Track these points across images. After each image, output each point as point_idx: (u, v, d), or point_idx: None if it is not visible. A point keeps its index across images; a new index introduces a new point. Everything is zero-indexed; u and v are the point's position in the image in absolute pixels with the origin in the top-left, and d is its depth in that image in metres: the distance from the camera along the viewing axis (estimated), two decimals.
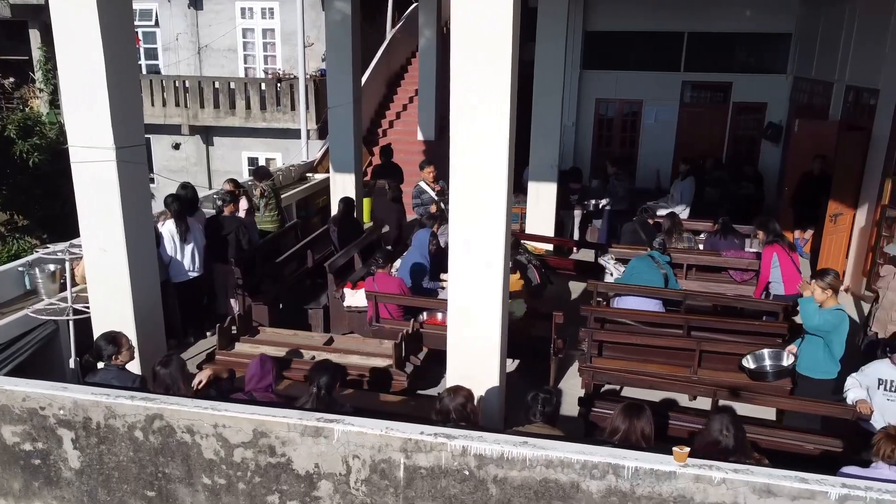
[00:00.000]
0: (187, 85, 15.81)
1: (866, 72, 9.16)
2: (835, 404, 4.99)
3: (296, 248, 8.37)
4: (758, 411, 5.32)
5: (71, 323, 5.89)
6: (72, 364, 5.94)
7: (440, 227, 8.00)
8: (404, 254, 7.86)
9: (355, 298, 7.26)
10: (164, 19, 17.13)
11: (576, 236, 10.94)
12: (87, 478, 4.02)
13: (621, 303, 7.08)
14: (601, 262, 8.45)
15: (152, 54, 17.50)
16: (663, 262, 7.23)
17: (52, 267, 6.75)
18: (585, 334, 6.24)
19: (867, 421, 4.77)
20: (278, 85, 15.49)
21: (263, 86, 15.70)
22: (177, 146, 16.80)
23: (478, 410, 4.50)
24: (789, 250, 7.08)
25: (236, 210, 8.02)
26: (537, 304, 7.37)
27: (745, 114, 13.39)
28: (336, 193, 10.12)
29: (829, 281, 5.22)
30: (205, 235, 7.47)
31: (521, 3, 4.47)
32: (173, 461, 3.84)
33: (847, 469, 3.82)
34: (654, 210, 9.51)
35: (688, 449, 3.23)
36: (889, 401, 4.81)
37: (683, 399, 5.94)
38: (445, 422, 4.09)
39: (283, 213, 9.76)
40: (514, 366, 6.81)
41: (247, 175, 14.98)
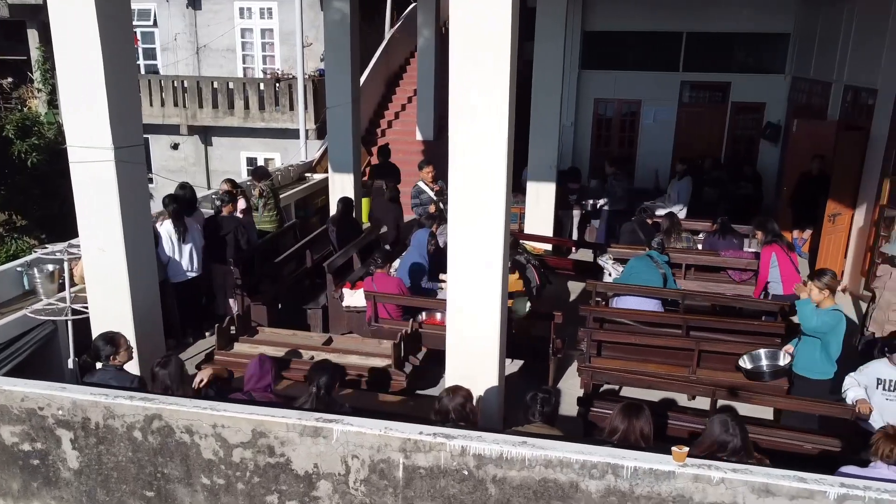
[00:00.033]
0: (186, 85, 15.80)
1: (864, 72, 9.17)
2: (834, 404, 4.99)
3: (295, 248, 8.37)
4: (755, 411, 5.33)
5: (69, 323, 5.88)
6: (70, 364, 5.93)
7: (439, 227, 7.99)
8: (403, 254, 7.85)
9: (354, 298, 7.26)
10: (163, 19, 17.12)
11: (575, 236, 10.95)
12: (86, 478, 4.02)
13: (620, 303, 7.08)
14: (599, 262, 8.45)
15: (151, 54, 17.50)
16: (662, 262, 7.24)
17: (50, 267, 6.75)
18: (584, 334, 6.24)
19: (866, 420, 4.78)
20: (277, 85, 15.49)
21: (262, 86, 15.70)
22: (175, 146, 16.79)
23: (477, 410, 4.50)
24: (788, 250, 7.09)
25: (234, 210, 8.03)
26: (536, 304, 7.37)
27: (743, 114, 13.40)
28: (335, 193, 10.12)
29: (827, 281, 5.22)
30: (203, 235, 7.48)
31: (520, 3, 4.47)
32: (172, 461, 3.84)
33: (846, 469, 3.83)
34: (653, 210, 9.51)
35: (687, 449, 3.24)
36: (888, 400, 4.82)
37: (682, 399, 5.95)
38: (444, 422, 4.09)
39: (281, 213, 9.76)
40: (516, 366, 6.81)
41: (245, 175, 15.01)
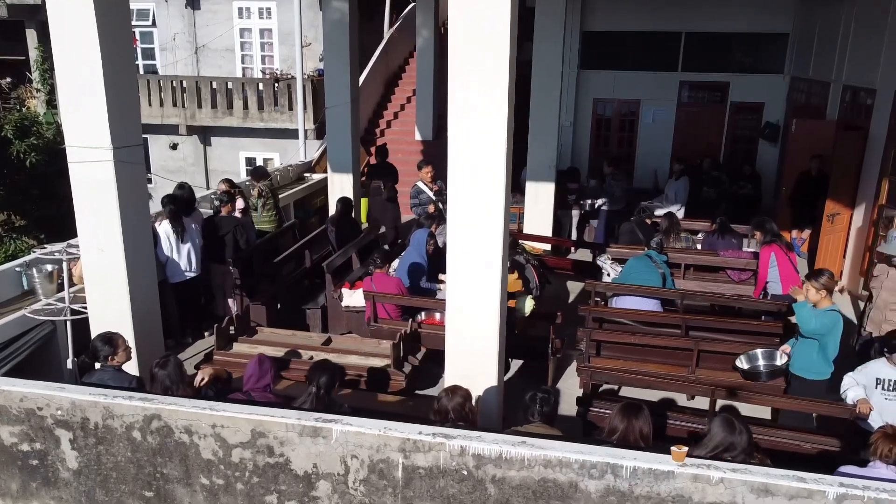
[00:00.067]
0: (185, 85, 15.79)
1: (863, 71, 9.18)
2: (833, 404, 5.00)
3: (294, 249, 8.36)
4: (753, 410, 5.34)
5: (68, 323, 5.87)
6: (69, 364, 5.93)
7: (438, 227, 7.99)
8: (402, 254, 7.85)
9: (353, 298, 7.26)
10: (162, 19, 17.10)
11: (574, 236, 10.95)
12: (85, 478, 4.02)
13: (619, 302, 7.08)
14: (598, 262, 8.45)
15: (149, 54, 17.48)
16: (660, 262, 7.24)
17: (49, 267, 6.75)
18: (583, 334, 6.24)
19: (865, 420, 4.78)
20: (276, 85, 15.48)
21: (261, 86, 15.68)
22: (174, 146, 16.78)
23: (476, 410, 4.50)
24: (787, 250, 7.09)
25: (233, 210, 8.02)
26: (535, 303, 7.36)
27: (742, 114, 13.40)
28: (334, 193, 10.11)
29: (824, 282, 5.22)
30: (202, 236, 7.47)
31: (519, 3, 4.47)
32: (171, 461, 3.84)
33: (844, 468, 3.82)
34: (652, 210, 9.51)
35: (686, 448, 3.24)
36: (887, 400, 4.82)
37: (681, 399, 5.95)
38: (444, 422, 4.09)
39: (280, 213, 9.76)
40: (516, 367, 6.81)
41: (244, 175, 15.00)
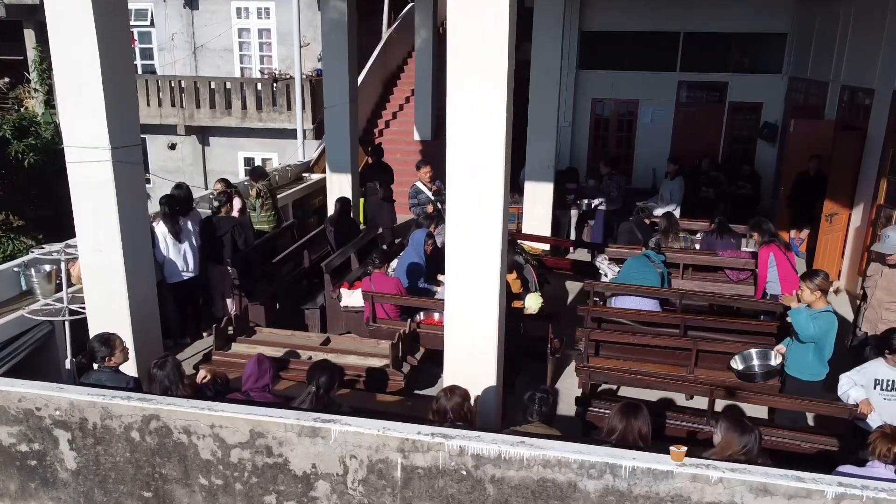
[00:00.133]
0: (183, 85, 15.78)
1: (861, 71, 9.19)
2: (833, 403, 4.99)
3: (292, 249, 8.36)
4: (748, 410, 5.34)
5: (67, 324, 5.87)
6: (68, 365, 5.93)
7: (437, 227, 7.99)
8: (401, 254, 7.85)
9: (352, 299, 7.26)
10: (160, 19, 17.09)
11: (572, 236, 10.96)
12: (84, 479, 4.01)
13: (618, 302, 7.08)
14: (596, 263, 8.45)
15: (148, 54, 17.46)
16: (659, 262, 7.24)
17: (47, 267, 6.74)
18: (582, 334, 6.23)
19: (863, 420, 4.78)
20: (274, 85, 15.47)
21: (259, 86, 15.67)
22: (173, 146, 16.77)
23: (475, 410, 4.50)
24: (785, 250, 7.10)
25: (230, 210, 8.01)
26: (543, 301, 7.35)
27: (740, 114, 13.40)
28: (332, 193, 10.10)
29: (818, 282, 5.21)
30: (200, 236, 7.46)
31: (518, 3, 4.47)
32: (170, 462, 3.84)
33: (843, 468, 3.83)
34: (651, 210, 9.52)
35: (685, 448, 3.24)
36: (886, 400, 4.82)
37: (680, 398, 5.96)
38: (442, 422, 4.09)
39: (279, 213, 9.75)
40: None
41: (243, 175, 15.00)
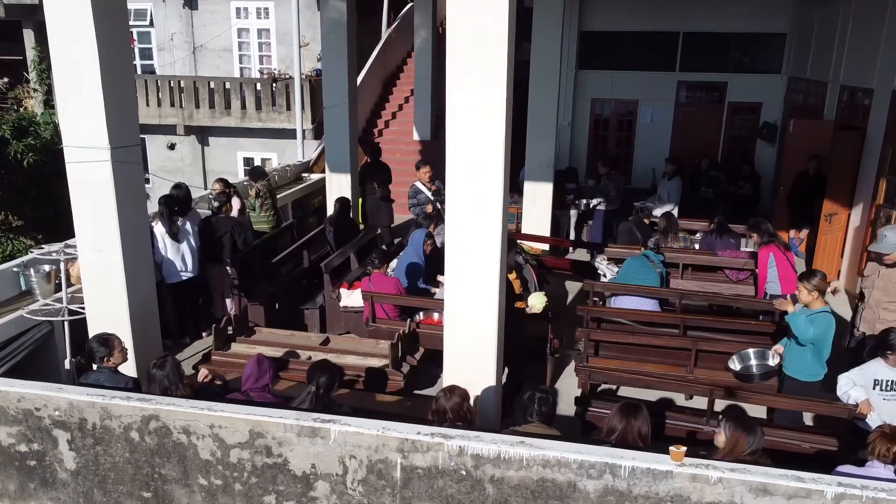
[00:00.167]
0: (182, 85, 15.77)
1: (860, 71, 9.19)
2: (833, 403, 4.99)
3: (292, 249, 8.36)
4: (748, 409, 5.32)
5: (66, 324, 5.87)
6: (67, 365, 5.92)
7: (436, 227, 7.99)
8: (400, 254, 7.85)
9: (352, 299, 7.26)
10: (159, 19, 17.08)
11: (572, 236, 10.96)
12: (83, 479, 4.01)
13: (618, 302, 7.08)
14: (594, 264, 8.45)
15: (147, 54, 17.45)
16: (658, 262, 7.24)
17: (47, 267, 6.74)
18: (582, 334, 6.23)
19: (862, 420, 4.78)
20: (274, 85, 15.47)
21: (259, 86, 15.67)
22: (172, 146, 16.76)
23: (474, 410, 4.50)
24: (784, 250, 7.10)
25: (230, 210, 8.01)
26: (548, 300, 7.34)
27: (740, 114, 13.41)
28: (332, 193, 10.10)
29: (816, 283, 5.21)
30: (199, 236, 7.45)
31: (517, 3, 4.46)
32: (169, 462, 3.84)
33: (842, 468, 3.83)
34: (650, 210, 9.52)
35: (684, 448, 3.24)
36: (885, 400, 4.82)
37: (680, 398, 5.96)
38: (442, 422, 4.09)
39: (278, 213, 9.75)
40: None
41: (242, 175, 14.99)
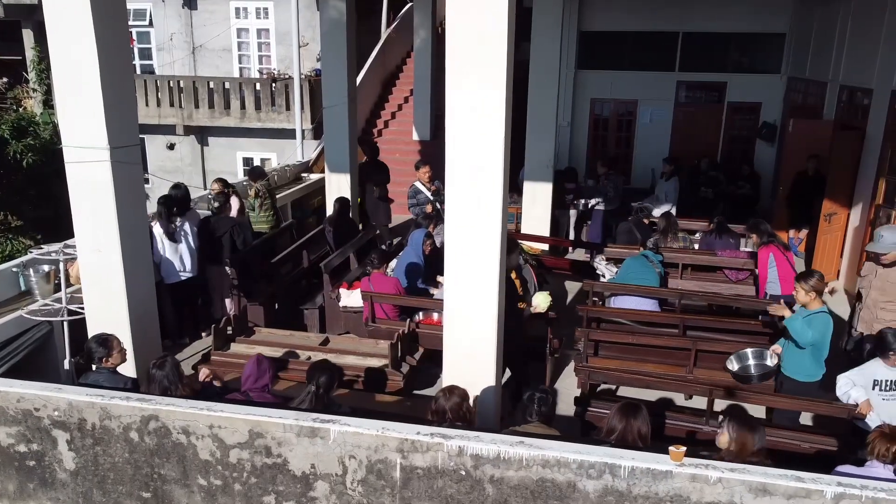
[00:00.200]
0: (182, 85, 15.77)
1: (860, 71, 9.19)
2: (832, 403, 4.99)
3: (291, 249, 8.35)
4: (747, 409, 5.33)
5: (65, 324, 5.87)
6: (66, 365, 5.92)
7: (436, 227, 7.99)
8: (400, 254, 7.85)
9: (351, 299, 7.26)
10: (159, 19, 17.08)
11: (571, 236, 10.96)
12: (83, 479, 4.01)
13: (617, 302, 7.09)
14: (593, 264, 8.45)
15: (146, 54, 17.45)
16: (657, 262, 7.24)
17: (46, 268, 6.74)
18: (581, 334, 6.23)
19: (862, 420, 4.79)
20: (273, 85, 15.47)
21: (258, 86, 15.67)
22: (171, 146, 16.75)
23: (474, 410, 4.50)
24: (784, 250, 7.10)
25: (229, 210, 8.00)
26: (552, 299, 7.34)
27: (739, 114, 13.41)
28: (331, 193, 10.10)
29: (813, 283, 5.21)
30: (199, 237, 7.44)
31: (517, 3, 4.46)
32: (169, 462, 3.83)
33: (842, 468, 3.83)
34: (650, 210, 9.52)
35: (684, 448, 3.24)
36: (884, 400, 4.83)
37: (679, 398, 5.96)
38: (441, 422, 4.09)
39: (278, 213, 9.74)
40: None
41: (242, 175, 14.99)
